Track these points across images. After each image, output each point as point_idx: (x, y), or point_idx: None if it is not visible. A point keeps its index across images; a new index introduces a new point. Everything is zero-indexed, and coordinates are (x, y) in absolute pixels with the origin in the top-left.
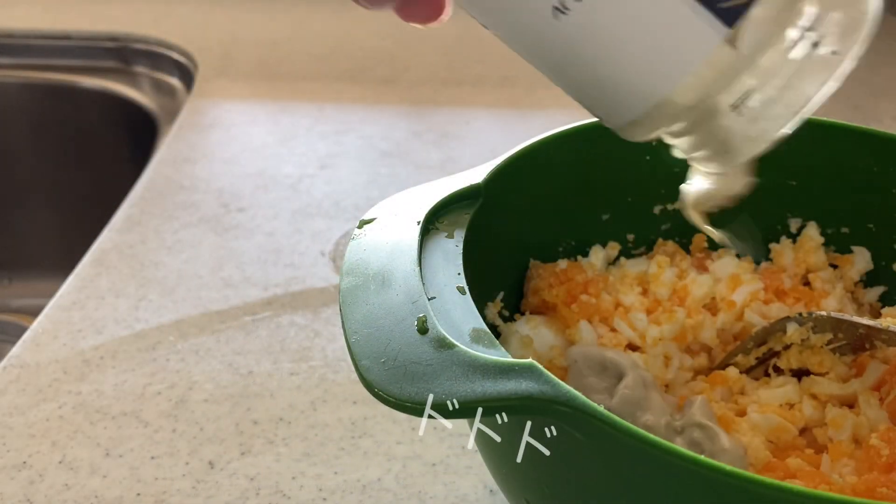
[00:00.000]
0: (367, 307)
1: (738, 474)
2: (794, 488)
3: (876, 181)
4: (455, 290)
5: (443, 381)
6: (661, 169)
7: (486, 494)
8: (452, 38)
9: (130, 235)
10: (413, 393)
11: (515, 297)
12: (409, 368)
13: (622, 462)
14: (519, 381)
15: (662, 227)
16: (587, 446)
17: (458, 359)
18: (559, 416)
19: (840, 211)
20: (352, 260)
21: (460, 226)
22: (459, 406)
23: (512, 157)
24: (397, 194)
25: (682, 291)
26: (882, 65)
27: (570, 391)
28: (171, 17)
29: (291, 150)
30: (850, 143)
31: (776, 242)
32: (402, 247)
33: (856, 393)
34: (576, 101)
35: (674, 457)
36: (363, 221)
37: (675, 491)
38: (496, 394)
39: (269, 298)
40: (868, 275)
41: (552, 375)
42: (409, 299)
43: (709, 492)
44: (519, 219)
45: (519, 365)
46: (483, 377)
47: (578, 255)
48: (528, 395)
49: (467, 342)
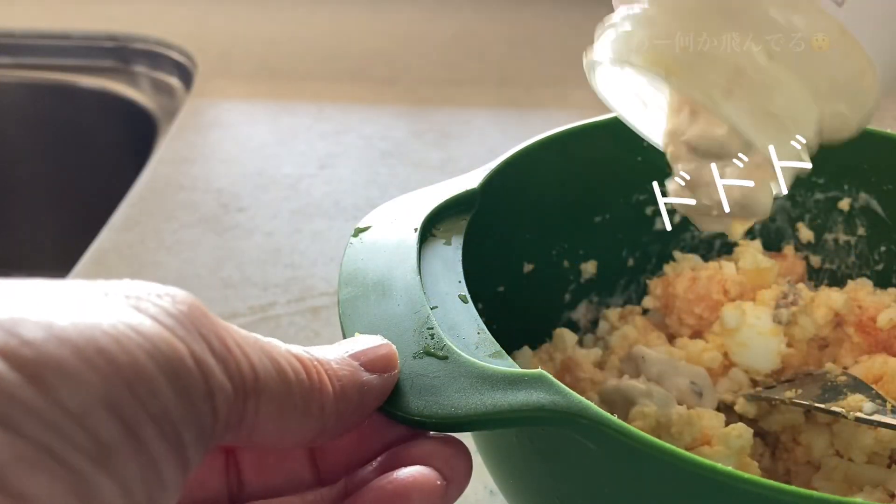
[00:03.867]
0: (369, 318)
1: (759, 483)
2: (831, 499)
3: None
4: (457, 298)
5: (451, 393)
6: (653, 170)
7: (487, 495)
8: (452, 38)
9: (129, 235)
10: (421, 406)
11: (506, 301)
12: (416, 381)
13: (636, 472)
14: (530, 391)
15: (654, 228)
16: (599, 456)
17: (465, 370)
18: (572, 426)
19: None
20: (349, 269)
21: (457, 232)
22: (468, 419)
23: (507, 161)
24: (392, 200)
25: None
26: None
27: (582, 401)
28: (170, 16)
29: (291, 150)
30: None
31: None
32: (401, 255)
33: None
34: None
35: (690, 466)
36: (358, 229)
37: (688, 496)
38: (507, 406)
39: (269, 298)
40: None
41: (563, 385)
42: (412, 309)
43: (725, 501)
44: (513, 222)
45: (529, 375)
46: (493, 388)
47: (571, 258)
48: (541, 406)
49: (473, 352)
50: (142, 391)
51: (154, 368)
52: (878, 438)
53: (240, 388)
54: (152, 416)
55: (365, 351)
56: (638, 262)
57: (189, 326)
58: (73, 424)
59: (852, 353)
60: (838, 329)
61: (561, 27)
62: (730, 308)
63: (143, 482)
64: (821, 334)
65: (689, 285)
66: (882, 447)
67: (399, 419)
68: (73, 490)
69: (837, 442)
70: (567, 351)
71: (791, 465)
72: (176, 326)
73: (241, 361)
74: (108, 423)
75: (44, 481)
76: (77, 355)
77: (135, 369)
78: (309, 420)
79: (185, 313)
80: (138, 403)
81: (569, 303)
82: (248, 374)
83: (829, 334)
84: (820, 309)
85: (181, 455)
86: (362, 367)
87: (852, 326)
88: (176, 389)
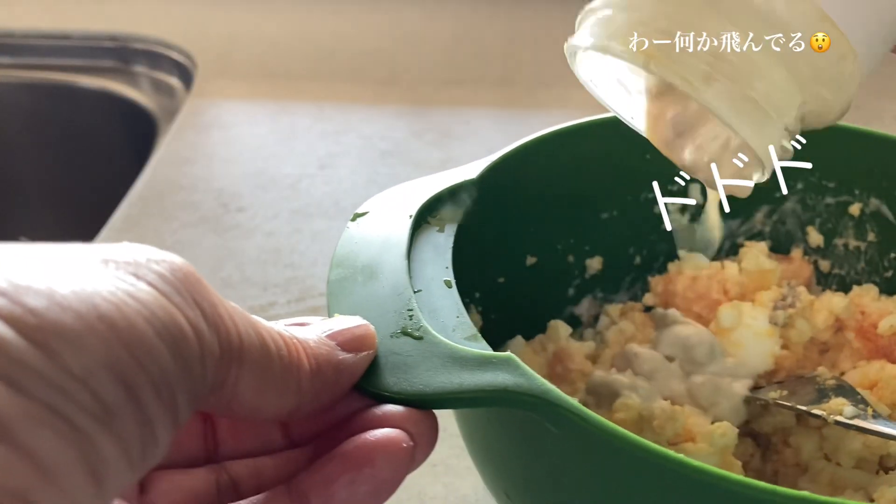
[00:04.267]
0: (353, 298)
1: (706, 470)
2: (759, 485)
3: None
4: (442, 283)
5: (421, 371)
6: (662, 168)
7: (487, 495)
8: (452, 38)
9: (129, 235)
10: (392, 383)
11: (506, 292)
12: (390, 359)
13: (595, 456)
14: (496, 373)
15: (662, 226)
16: (561, 439)
17: (437, 350)
18: (533, 408)
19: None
20: (342, 252)
21: (452, 221)
22: (436, 397)
23: (507, 154)
24: (393, 188)
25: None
26: (882, 65)
27: (544, 384)
28: (170, 16)
29: (291, 150)
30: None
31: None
32: (393, 240)
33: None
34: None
35: (644, 452)
36: (357, 214)
37: (646, 485)
38: (472, 385)
39: (269, 298)
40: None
41: (529, 368)
42: (395, 292)
43: (678, 486)
44: (515, 215)
45: (497, 357)
46: (461, 369)
47: (577, 253)
48: (504, 388)
49: (449, 334)
50: (141, 355)
51: (152, 334)
52: (867, 444)
53: (226, 352)
54: (151, 379)
55: (342, 331)
56: (645, 260)
57: (184, 293)
58: (79, 386)
59: (852, 358)
60: (839, 334)
61: (561, 27)
62: (726, 307)
63: (140, 440)
64: (821, 338)
65: (689, 284)
66: (870, 453)
67: (370, 395)
68: (77, 447)
69: (826, 446)
70: (560, 342)
71: (780, 466)
72: (172, 293)
73: (230, 328)
74: (111, 386)
75: (50, 438)
76: (79, 321)
77: (135, 335)
78: (286, 395)
79: (181, 280)
80: (139, 367)
81: (572, 297)
82: (235, 341)
83: (829, 338)
84: (821, 313)
85: (174, 415)
86: (339, 346)
87: (853, 332)
88: (173, 354)
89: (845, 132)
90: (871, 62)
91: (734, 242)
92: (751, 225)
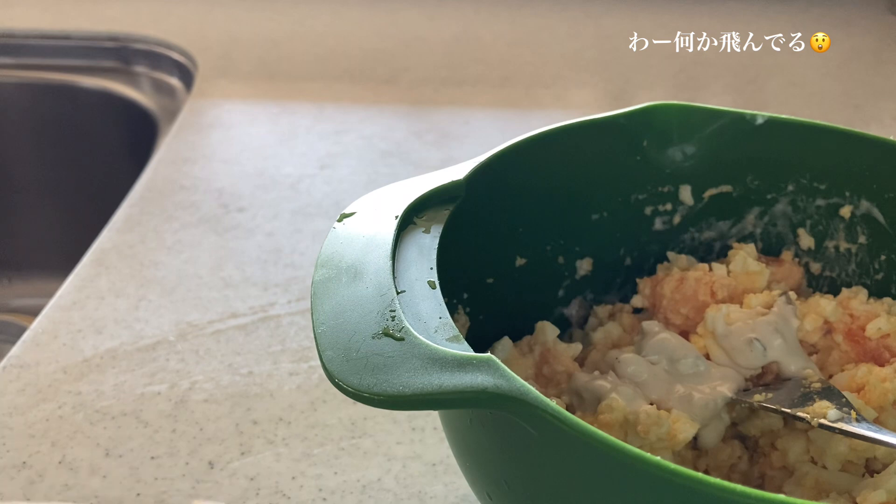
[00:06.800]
0: (337, 299)
1: (683, 473)
2: (735, 487)
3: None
4: (426, 284)
5: (402, 372)
6: (652, 170)
7: None
8: (452, 38)
9: (130, 235)
10: (372, 384)
11: (495, 293)
12: (371, 360)
13: (572, 458)
14: (475, 374)
15: (653, 228)
16: (539, 441)
17: (418, 351)
18: (512, 409)
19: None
20: (327, 252)
21: (438, 221)
22: (415, 398)
23: (496, 155)
24: (381, 188)
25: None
26: (882, 64)
27: (523, 385)
28: (171, 17)
29: (291, 150)
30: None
31: (777, 255)
32: (378, 241)
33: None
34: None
35: (621, 454)
36: (343, 215)
37: (623, 487)
38: (451, 387)
39: (270, 298)
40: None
41: (509, 370)
42: (378, 292)
43: (656, 489)
44: (503, 216)
45: (477, 359)
46: (441, 370)
47: (566, 254)
48: (483, 389)
49: (431, 335)
50: None
51: None
52: (853, 447)
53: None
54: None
55: None
56: (635, 261)
57: None
58: None
59: (840, 361)
60: (828, 336)
61: (561, 27)
62: (713, 310)
63: None
64: (809, 341)
65: (676, 286)
66: (857, 456)
67: (350, 395)
68: None
69: (813, 449)
70: (547, 343)
71: (767, 469)
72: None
73: None
74: None
75: None
76: None
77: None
78: None
79: None
80: None
81: (562, 298)
82: None
83: (818, 341)
84: (809, 316)
85: None
86: None
87: (841, 335)
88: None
89: (836, 134)
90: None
91: (725, 244)
92: (742, 226)
